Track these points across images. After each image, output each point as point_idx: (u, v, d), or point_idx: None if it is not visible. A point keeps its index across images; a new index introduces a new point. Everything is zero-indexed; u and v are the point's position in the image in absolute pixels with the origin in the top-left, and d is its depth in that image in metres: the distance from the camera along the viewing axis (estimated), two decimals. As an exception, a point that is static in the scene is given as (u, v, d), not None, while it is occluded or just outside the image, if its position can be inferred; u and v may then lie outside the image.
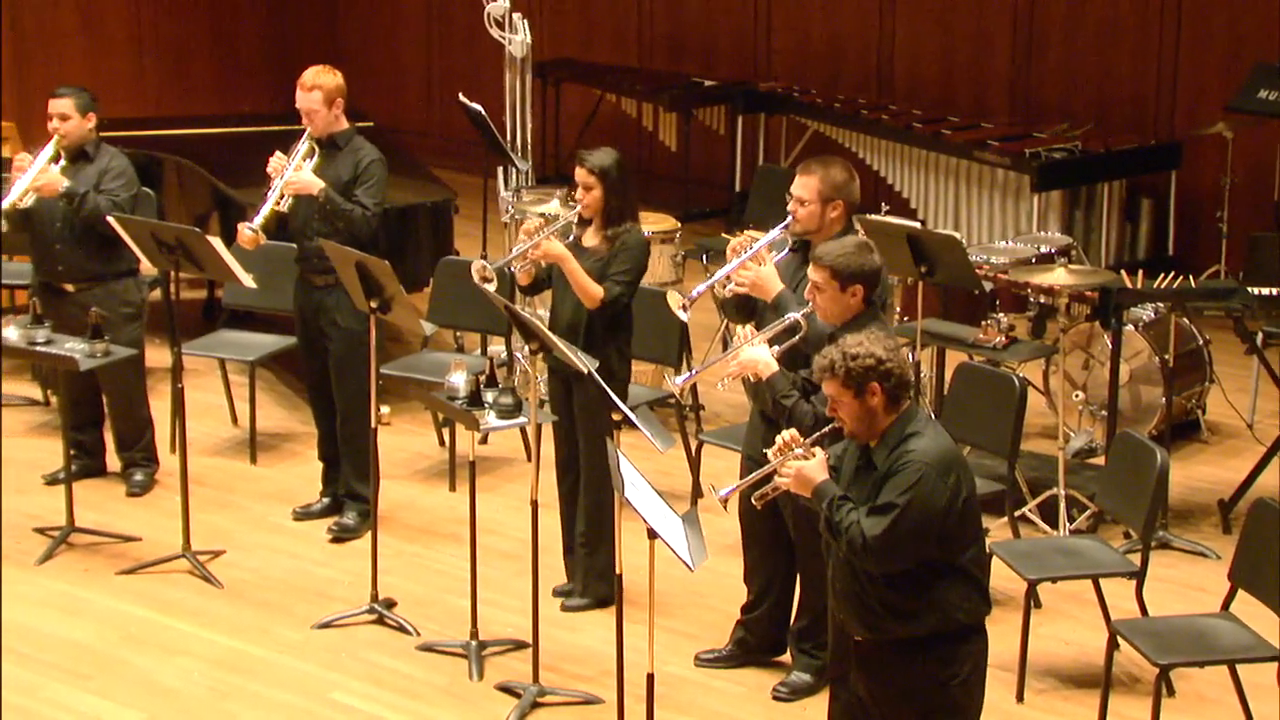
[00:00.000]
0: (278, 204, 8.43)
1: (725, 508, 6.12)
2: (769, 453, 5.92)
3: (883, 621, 5.77)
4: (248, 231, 8.39)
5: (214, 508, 9.03)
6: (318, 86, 8.48)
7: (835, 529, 5.70)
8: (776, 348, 6.77)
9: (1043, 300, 9.06)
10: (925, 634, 5.74)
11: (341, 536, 8.74)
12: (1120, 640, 7.11)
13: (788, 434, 5.92)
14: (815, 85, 13.47)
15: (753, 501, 6.09)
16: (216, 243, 8.22)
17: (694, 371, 6.96)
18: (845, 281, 6.52)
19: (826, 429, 5.93)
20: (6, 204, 8.66)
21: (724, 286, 7.27)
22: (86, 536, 8.65)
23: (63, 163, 8.82)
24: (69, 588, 8.28)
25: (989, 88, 13.11)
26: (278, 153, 8.50)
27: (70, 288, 8.93)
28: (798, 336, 6.75)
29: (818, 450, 5.85)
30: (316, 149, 8.51)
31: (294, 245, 8.73)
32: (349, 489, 8.78)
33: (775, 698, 7.45)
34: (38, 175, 8.70)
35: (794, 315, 6.71)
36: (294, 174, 8.41)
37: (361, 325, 8.30)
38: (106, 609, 8.10)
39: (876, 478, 5.73)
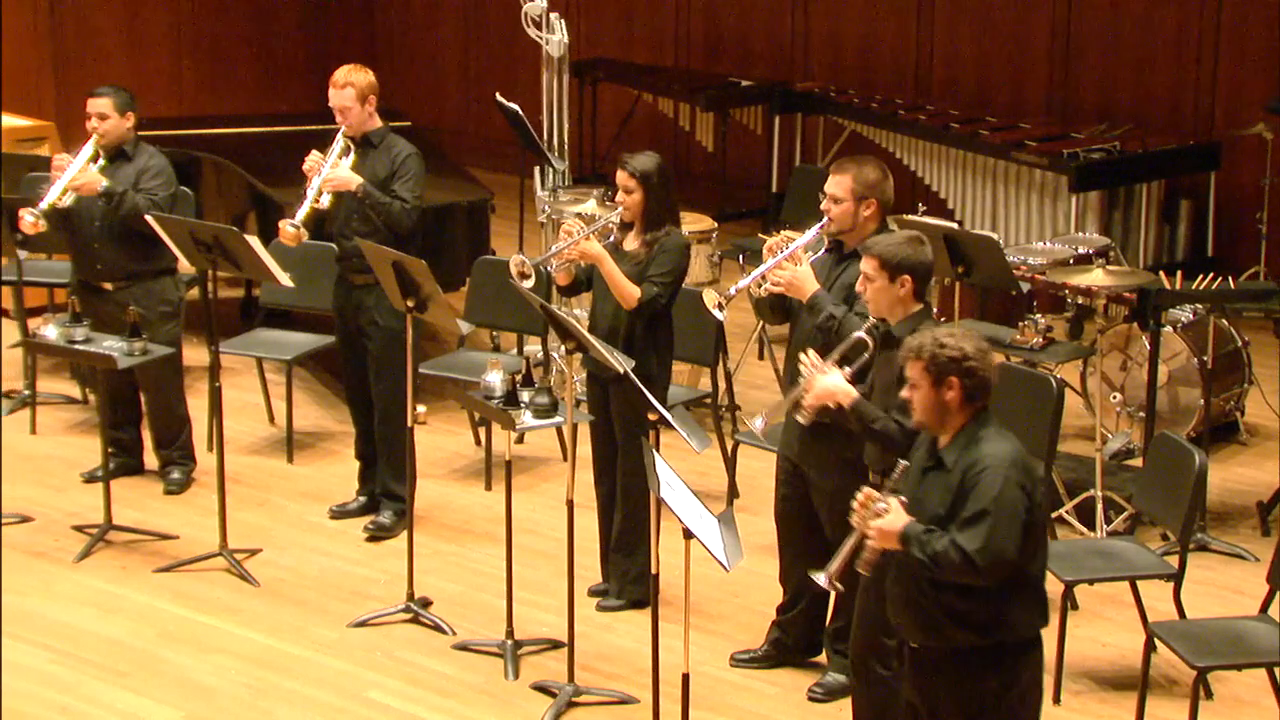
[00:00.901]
0: (316, 201, 8.45)
1: (836, 585, 6.04)
2: (853, 520, 5.85)
3: (944, 629, 5.71)
4: (290, 229, 8.41)
5: (251, 506, 9.05)
6: (350, 84, 8.50)
7: (934, 562, 5.59)
8: (848, 369, 6.61)
9: (1080, 301, 9.03)
10: (986, 644, 5.68)
11: (378, 535, 8.75)
12: (1157, 642, 7.08)
13: (861, 495, 5.83)
14: (852, 85, 13.44)
15: (859, 570, 5.99)
16: (254, 242, 8.24)
17: (766, 418, 6.84)
18: (894, 272, 6.49)
19: (895, 474, 5.85)
20: (46, 204, 8.69)
21: (759, 286, 7.26)
22: (124, 534, 8.68)
23: (101, 162, 8.85)
24: (107, 585, 8.31)
25: (1027, 88, 13.07)
26: (314, 151, 8.52)
27: (108, 286, 8.96)
28: (866, 354, 6.65)
29: (891, 500, 5.76)
30: (352, 147, 8.53)
31: (332, 245, 8.76)
32: (385, 488, 8.80)
33: (810, 698, 7.44)
34: (77, 175, 8.74)
35: (859, 334, 6.62)
36: (331, 171, 8.43)
37: (400, 324, 8.30)
38: (144, 607, 8.13)
39: (948, 481, 5.66)
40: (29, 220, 8.65)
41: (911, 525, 5.68)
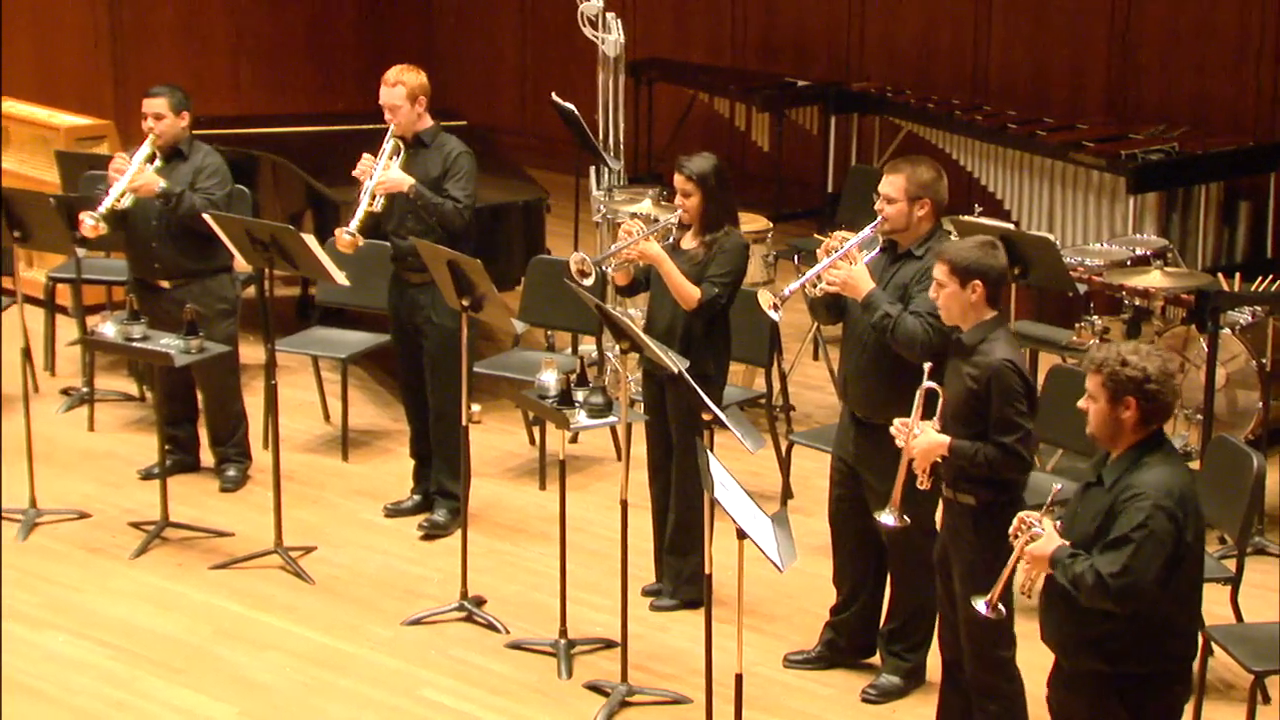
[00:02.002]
0: (370, 205, 8.48)
1: (1000, 610, 6.03)
2: (1013, 543, 5.79)
3: (1078, 651, 5.68)
4: (345, 236, 8.44)
5: (306, 504, 9.08)
6: (400, 83, 8.52)
7: (1074, 585, 5.55)
8: (934, 420, 6.51)
9: (1138, 303, 8.98)
10: (1117, 673, 5.64)
11: (432, 534, 8.77)
12: (1214, 646, 7.03)
13: (1015, 521, 5.78)
14: (908, 85, 13.41)
15: (1023, 595, 5.96)
16: (310, 240, 8.26)
17: (895, 509, 6.80)
18: (964, 277, 6.42)
19: (1049, 501, 5.79)
20: (105, 207, 8.73)
21: (814, 286, 7.25)
22: (180, 531, 8.72)
23: (158, 162, 8.89)
24: (163, 582, 8.35)
25: (1085, 88, 13.01)
26: (365, 155, 8.54)
27: (166, 284, 9.00)
28: (940, 402, 6.59)
29: (1045, 523, 5.71)
30: (401, 147, 8.54)
31: (387, 244, 8.78)
32: (440, 486, 8.82)
33: (864, 700, 7.42)
34: (135, 176, 8.78)
35: (928, 384, 6.58)
36: (382, 173, 8.45)
37: (456, 323, 8.33)
38: (199, 603, 8.16)
39: (1102, 501, 5.61)
40: (89, 224, 8.69)
41: (1060, 549, 5.62)
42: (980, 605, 5.97)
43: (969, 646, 6.61)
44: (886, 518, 6.74)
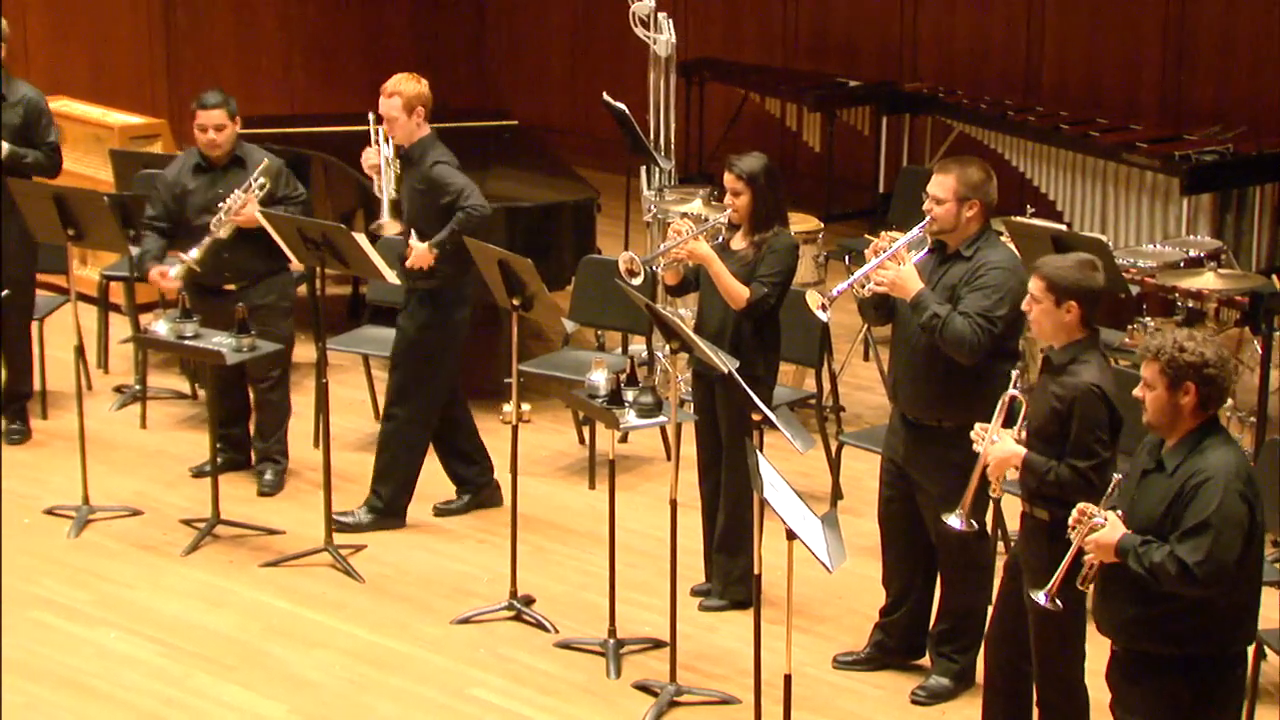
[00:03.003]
0: (391, 193, 8.47)
1: (1058, 603, 6.01)
2: (1071, 536, 5.80)
3: (1141, 634, 5.66)
4: (391, 222, 8.48)
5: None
6: (397, 93, 8.48)
7: (1152, 574, 5.54)
8: (1014, 430, 6.47)
9: (1191, 305, 8.93)
10: (1183, 655, 5.62)
11: (444, 512, 8.93)
12: (1267, 650, 6.99)
13: (1075, 511, 5.77)
14: (961, 86, 13.36)
15: (1079, 587, 5.96)
16: (361, 239, 8.29)
17: (963, 511, 6.77)
18: (1060, 296, 6.31)
19: (1110, 489, 5.80)
20: (196, 255, 8.71)
21: (863, 286, 7.23)
22: (231, 529, 8.75)
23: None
24: (214, 579, 8.38)
25: (1139, 89, 12.94)
26: (366, 150, 8.54)
27: (233, 287, 9.00)
28: (1021, 415, 6.56)
29: (1108, 514, 5.71)
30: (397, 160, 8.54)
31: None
32: (452, 472, 8.94)
33: (914, 701, 7.40)
34: (237, 210, 8.73)
35: (1013, 392, 6.55)
36: (387, 171, 8.45)
37: (421, 334, 8.42)
38: (250, 601, 8.19)
39: (1168, 486, 5.59)
40: (191, 257, 8.71)
41: (1128, 537, 5.61)
42: (1040, 597, 5.96)
43: (1037, 662, 6.57)
44: (953, 520, 6.69)
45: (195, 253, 8.74)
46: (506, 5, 16.01)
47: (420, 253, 8.42)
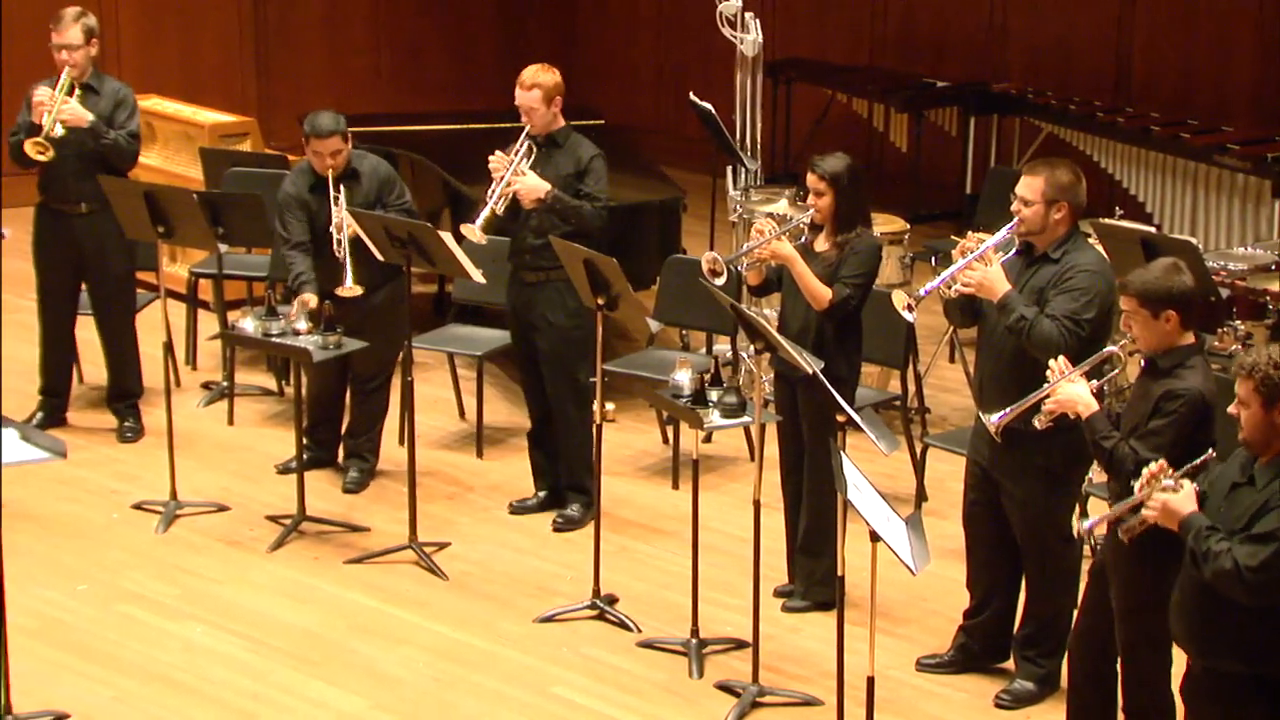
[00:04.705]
0: (496, 206, 8.50)
1: (1090, 540, 6.01)
2: (1135, 484, 5.79)
3: (1213, 648, 5.62)
4: (478, 232, 8.49)
5: (440, 500, 9.13)
6: (537, 85, 8.54)
7: (1202, 558, 5.52)
8: (1094, 382, 6.49)
9: (1281, 308, 8.85)
10: (1254, 674, 5.58)
11: (564, 528, 8.80)
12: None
13: (1154, 465, 5.77)
14: (1049, 86, 13.28)
15: (1120, 535, 5.94)
16: (447, 238, 8.31)
17: (1010, 410, 6.78)
18: (1155, 307, 6.26)
19: (1198, 461, 5.77)
20: (350, 283, 8.64)
21: (949, 287, 7.19)
22: (316, 525, 8.80)
23: (342, 195, 8.85)
24: (299, 576, 8.43)
25: (1231, 90, 12.83)
26: (498, 152, 8.57)
27: (359, 291, 9.00)
28: (1116, 370, 6.54)
29: (1186, 482, 5.69)
30: (534, 149, 8.56)
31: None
32: (571, 481, 8.84)
33: (998, 705, 7.36)
34: (340, 226, 8.74)
35: (1111, 348, 6.51)
36: (517, 177, 8.47)
37: (571, 321, 8.38)
38: (334, 597, 8.24)
39: (1254, 499, 5.55)
40: (351, 290, 8.67)
41: (1198, 516, 5.60)
42: (1085, 525, 6.03)
43: (1123, 668, 6.53)
44: (993, 418, 6.77)
45: (349, 280, 8.67)
46: (594, 5, 16.03)
47: (537, 185, 8.43)
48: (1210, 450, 5.79)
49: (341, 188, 8.84)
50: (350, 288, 8.68)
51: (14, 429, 6.83)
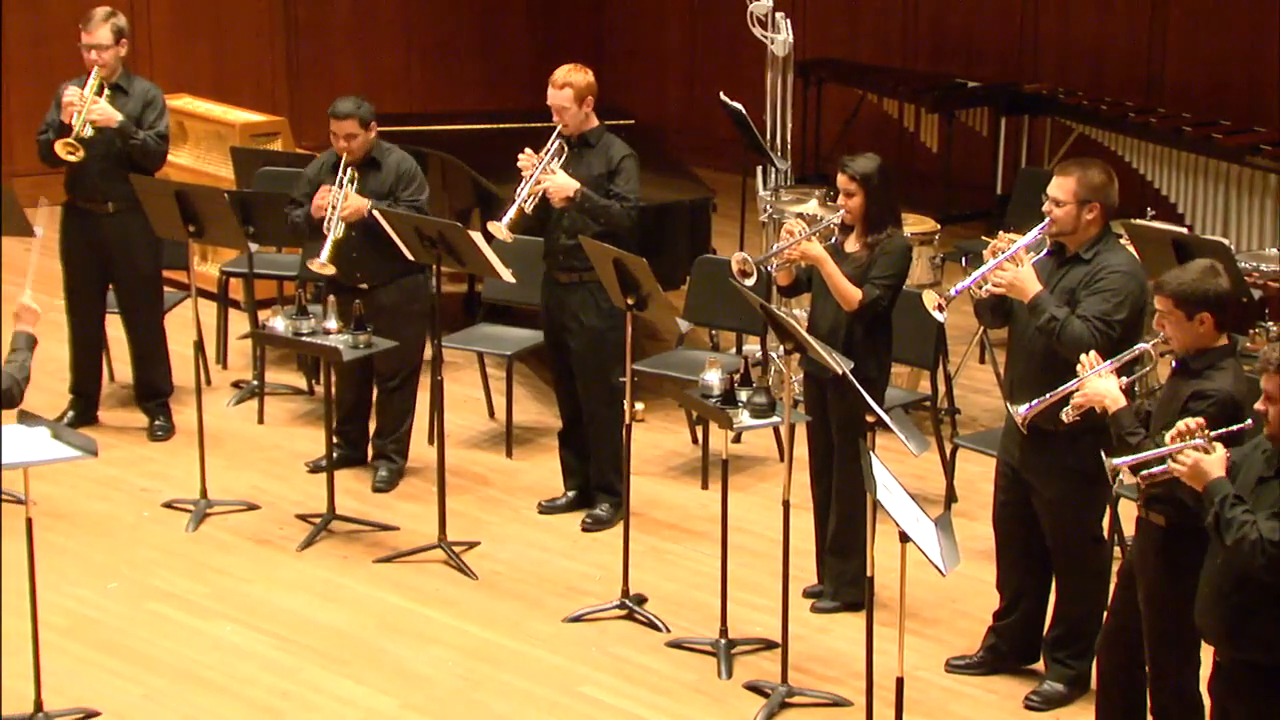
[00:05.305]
0: (524, 205, 8.51)
1: (1118, 477, 6.02)
2: (1166, 435, 5.78)
3: (1239, 637, 5.61)
4: (505, 230, 8.50)
5: (469, 500, 9.14)
6: (569, 84, 8.54)
7: (1224, 526, 5.51)
8: (1124, 379, 6.47)
9: (1314, 309, 8.81)
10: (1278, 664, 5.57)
11: (594, 528, 8.81)
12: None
13: (1192, 421, 5.75)
14: (1081, 87, 13.24)
15: (1139, 479, 5.93)
16: (477, 237, 8.32)
17: (1038, 402, 6.78)
18: (1191, 309, 6.23)
19: (1234, 427, 5.75)
20: (327, 253, 8.73)
21: (980, 287, 7.18)
22: (346, 524, 8.81)
23: (355, 184, 8.89)
24: (328, 574, 8.44)
25: (1264, 91, 12.77)
26: (527, 150, 8.58)
27: (364, 286, 9.05)
28: (1147, 369, 6.54)
29: (1219, 446, 5.67)
30: (566, 149, 8.57)
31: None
32: (601, 481, 8.85)
33: (1028, 706, 7.35)
34: (345, 207, 8.80)
35: (1143, 345, 6.50)
36: (546, 175, 8.48)
37: (604, 323, 8.38)
38: (364, 596, 8.25)
39: None
40: (322, 266, 8.74)
41: (1225, 482, 5.58)
42: (1116, 462, 6.01)
43: (1151, 669, 6.51)
44: (1021, 409, 6.78)
45: (324, 255, 8.77)
46: (624, 5, 16.03)
47: (566, 183, 8.44)
48: (1248, 420, 5.76)
49: (350, 171, 8.88)
50: (323, 263, 8.73)
51: (46, 427, 6.87)
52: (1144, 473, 5.90)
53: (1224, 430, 5.77)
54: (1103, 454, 6.08)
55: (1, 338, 7.10)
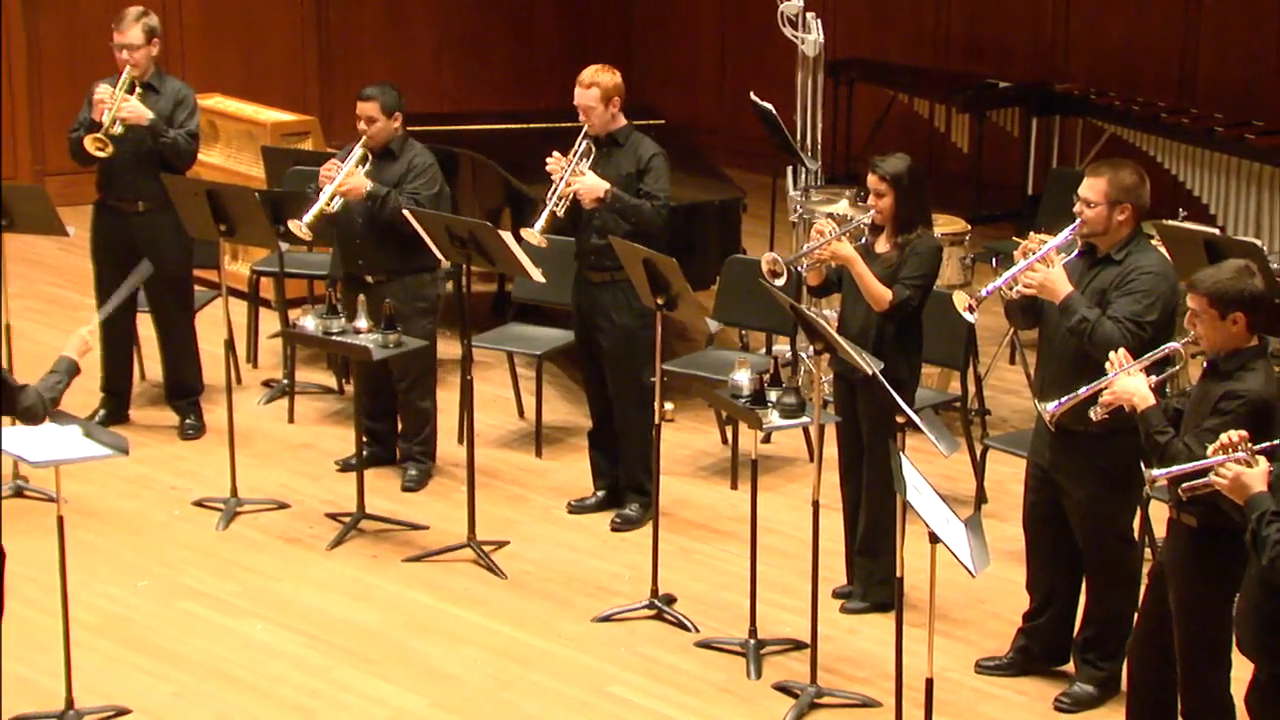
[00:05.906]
0: (556, 208, 8.53)
1: (1160, 485, 6.00)
2: (1210, 447, 5.75)
3: (1274, 651, 5.59)
4: (539, 235, 8.52)
5: (498, 499, 9.15)
6: (595, 84, 8.55)
7: (1260, 544, 5.49)
8: (1154, 377, 6.45)
9: (1346, 310, 8.76)
10: None
11: (623, 527, 8.81)
12: None
13: (1235, 433, 5.72)
14: (1113, 87, 13.20)
15: (1179, 493, 5.91)
16: (507, 237, 8.33)
17: (1067, 399, 6.77)
18: (1224, 309, 6.21)
19: (1277, 441, 5.72)
20: (312, 214, 8.79)
21: (1011, 288, 7.16)
22: (375, 523, 8.82)
23: (368, 164, 8.97)
24: (358, 573, 8.45)
25: (1297, 90, 12.75)
26: (555, 153, 8.59)
27: (369, 279, 9.09)
28: (1176, 368, 6.53)
29: (1262, 459, 5.64)
30: (594, 148, 8.57)
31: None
32: (631, 481, 8.85)
33: (1057, 708, 7.33)
34: (344, 180, 8.87)
35: (1173, 344, 6.49)
36: (575, 177, 8.49)
37: (636, 322, 8.38)
38: (393, 595, 8.26)
39: None
40: (299, 227, 8.82)
41: (1266, 496, 5.56)
42: (1155, 473, 5.98)
43: (1182, 672, 6.49)
44: (1050, 405, 6.75)
45: (306, 217, 8.84)
46: (655, 5, 16.03)
47: (596, 184, 8.45)
48: None
49: (363, 153, 8.95)
50: (300, 225, 8.83)
51: (77, 425, 6.89)
52: (1185, 485, 5.85)
53: (1268, 444, 5.73)
54: (1143, 466, 6.04)
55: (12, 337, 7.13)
